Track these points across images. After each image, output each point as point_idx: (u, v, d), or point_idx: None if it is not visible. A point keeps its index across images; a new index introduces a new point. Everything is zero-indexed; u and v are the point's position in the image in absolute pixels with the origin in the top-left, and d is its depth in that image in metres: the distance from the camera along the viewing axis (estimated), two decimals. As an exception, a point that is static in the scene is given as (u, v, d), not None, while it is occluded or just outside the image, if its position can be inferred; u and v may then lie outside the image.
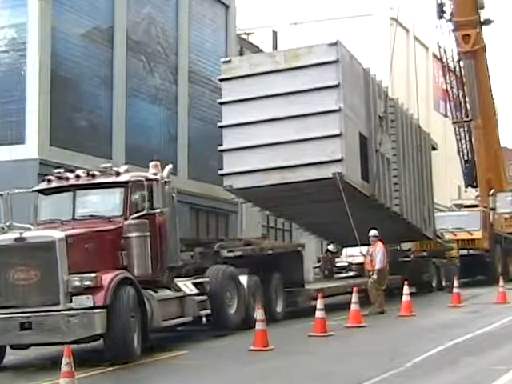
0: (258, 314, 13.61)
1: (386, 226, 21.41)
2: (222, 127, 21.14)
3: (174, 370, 12.26)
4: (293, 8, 47.46)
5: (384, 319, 18.90)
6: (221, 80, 21.59)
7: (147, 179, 14.09)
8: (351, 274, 26.16)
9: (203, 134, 30.29)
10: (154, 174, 14.62)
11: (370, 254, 20.63)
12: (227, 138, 20.88)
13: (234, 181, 20.86)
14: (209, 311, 15.57)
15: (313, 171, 19.87)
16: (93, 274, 12.35)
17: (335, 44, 20.07)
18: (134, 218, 13.59)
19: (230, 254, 17.12)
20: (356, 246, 24.96)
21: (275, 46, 41.06)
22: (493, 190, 34.31)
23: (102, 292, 12.29)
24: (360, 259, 25.61)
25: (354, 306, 16.91)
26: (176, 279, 15.21)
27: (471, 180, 36.77)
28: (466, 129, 36.51)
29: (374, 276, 20.16)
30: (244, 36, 36.56)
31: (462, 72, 35.76)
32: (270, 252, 18.67)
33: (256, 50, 34.16)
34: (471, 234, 30.56)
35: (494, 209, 32.93)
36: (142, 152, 27.42)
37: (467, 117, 36.09)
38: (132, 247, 13.42)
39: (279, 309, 18.30)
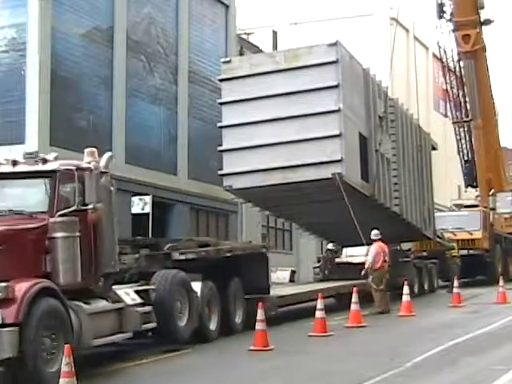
0: (258, 313, 13.60)
1: (385, 225, 21.42)
2: (221, 127, 21.15)
3: (174, 369, 12.27)
4: (293, 8, 47.45)
5: (384, 319, 18.90)
6: (221, 80, 21.59)
7: (78, 168, 11.98)
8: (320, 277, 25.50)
9: (203, 134, 30.29)
10: (89, 162, 12.49)
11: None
12: (227, 138, 20.88)
13: (234, 181, 20.86)
14: (154, 324, 13.59)
15: (313, 171, 19.87)
16: (3, 284, 10.17)
17: (335, 44, 20.08)
18: (61, 215, 11.43)
19: (182, 257, 15.04)
20: (356, 245, 25.06)
21: (275, 46, 41.06)
22: (493, 190, 34.32)
23: (13, 306, 10.11)
24: (360, 259, 25.64)
25: (353, 306, 16.92)
26: (116, 286, 13.17)
27: (471, 180, 36.77)
28: (465, 129, 36.52)
29: (371, 276, 20.20)
30: (244, 36, 36.56)
31: (462, 72, 35.76)
32: (229, 254, 16.42)
33: (256, 50, 34.17)
34: (471, 234, 30.56)
35: (494, 209, 32.94)
36: (142, 152, 27.46)
37: (467, 117, 36.10)
38: (57, 250, 11.24)
39: (238, 319, 16.29)
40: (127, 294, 13.29)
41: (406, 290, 19.47)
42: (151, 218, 24.58)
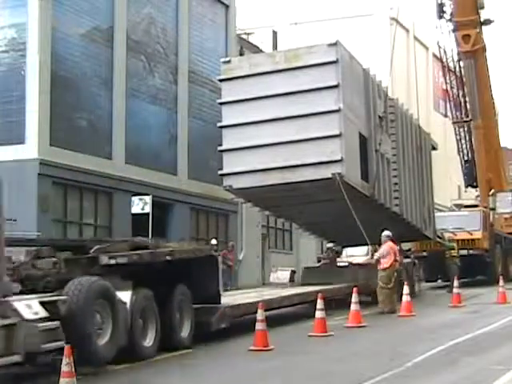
0: (258, 314, 13.58)
1: (385, 226, 21.41)
2: (221, 127, 21.15)
3: (174, 369, 12.26)
4: (293, 8, 47.48)
5: (384, 319, 18.90)
6: (220, 80, 21.59)
7: None
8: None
9: (203, 134, 30.32)
10: None
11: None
12: (227, 138, 20.87)
13: (234, 181, 20.85)
14: (61, 343, 10.74)
15: (313, 171, 19.86)
16: None
17: (335, 44, 20.06)
18: None
19: (112, 262, 12.58)
20: (357, 245, 25.05)
21: (275, 46, 41.09)
22: (493, 190, 34.33)
23: None
24: (359, 259, 25.66)
25: (353, 306, 16.91)
26: (17, 297, 10.91)
27: (471, 180, 36.79)
28: (466, 129, 36.54)
29: (379, 275, 20.31)
30: (244, 36, 36.59)
31: (462, 72, 35.78)
32: (168, 258, 13.86)
33: (256, 50, 34.18)
34: (471, 234, 30.53)
35: (493, 209, 32.94)
36: (142, 152, 27.48)
37: (467, 117, 36.12)
38: None
39: (185, 333, 14.05)
40: (29, 306, 10.81)
41: (405, 290, 19.46)
42: (151, 218, 24.61)
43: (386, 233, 20.72)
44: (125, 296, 12.47)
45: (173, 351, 13.40)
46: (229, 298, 17.42)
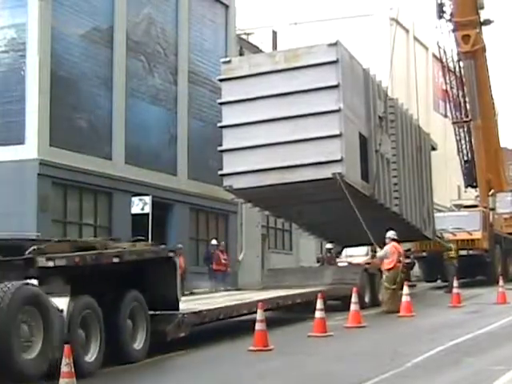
0: (258, 314, 13.57)
1: (385, 226, 21.43)
2: (221, 127, 21.16)
3: (174, 369, 12.27)
4: (293, 8, 47.47)
5: (384, 319, 18.91)
6: (220, 80, 21.61)
7: None
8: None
9: (203, 134, 30.32)
10: None
11: None
12: (227, 138, 20.89)
13: (234, 181, 20.86)
14: None
15: (312, 171, 19.88)
16: None
17: (335, 44, 20.09)
18: None
19: (50, 264, 11.09)
20: (357, 245, 25.05)
21: (275, 46, 41.08)
22: (492, 191, 34.32)
23: None
24: (359, 260, 25.65)
25: (353, 307, 16.91)
26: None
27: (471, 180, 36.77)
28: (465, 129, 36.52)
29: (384, 275, 20.34)
30: (244, 36, 36.58)
31: (462, 72, 35.77)
32: (116, 260, 12.32)
33: (256, 50, 34.18)
34: (471, 235, 30.50)
35: (493, 209, 32.92)
36: (141, 152, 27.47)
37: (467, 117, 36.09)
38: None
39: (138, 344, 12.61)
40: None
41: (405, 290, 19.46)
42: (151, 219, 24.60)
43: (393, 232, 20.69)
44: (62, 303, 10.89)
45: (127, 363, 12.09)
46: (193, 303, 16.16)
